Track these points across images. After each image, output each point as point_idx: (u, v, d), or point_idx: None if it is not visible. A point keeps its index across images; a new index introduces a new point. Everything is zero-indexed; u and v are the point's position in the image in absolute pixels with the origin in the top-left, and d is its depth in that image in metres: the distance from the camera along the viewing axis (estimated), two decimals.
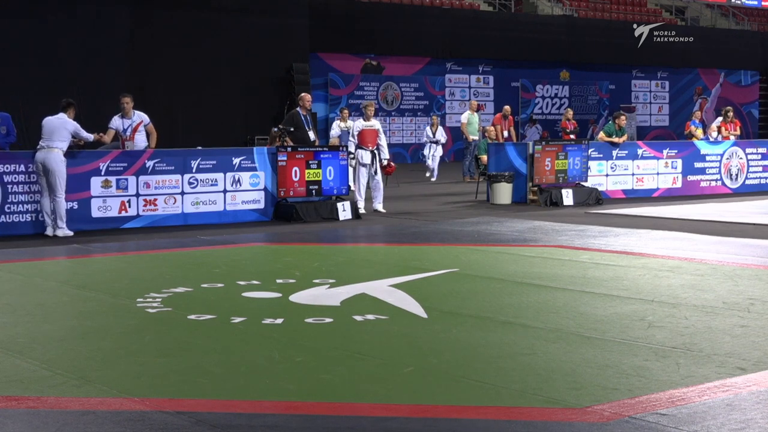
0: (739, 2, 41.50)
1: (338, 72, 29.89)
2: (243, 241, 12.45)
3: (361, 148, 15.64)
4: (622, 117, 19.10)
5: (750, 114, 39.26)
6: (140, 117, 13.93)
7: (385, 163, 15.88)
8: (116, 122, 13.86)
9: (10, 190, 12.58)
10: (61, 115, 12.80)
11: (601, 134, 19.09)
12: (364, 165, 15.63)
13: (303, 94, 16.11)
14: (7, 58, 22.98)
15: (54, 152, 12.52)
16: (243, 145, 23.73)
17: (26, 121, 23.30)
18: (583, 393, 5.35)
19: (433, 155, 23.91)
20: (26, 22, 23.33)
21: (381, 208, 15.66)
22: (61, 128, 12.67)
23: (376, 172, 15.64)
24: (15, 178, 12.65)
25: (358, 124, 15.84)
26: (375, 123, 15.95)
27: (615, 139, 18.56)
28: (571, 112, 24.89)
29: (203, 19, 26.12)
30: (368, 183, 15.80)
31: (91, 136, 13.09)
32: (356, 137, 15.68)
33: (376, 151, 15.68)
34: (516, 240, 12.18)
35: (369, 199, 15.92)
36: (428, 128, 24.72)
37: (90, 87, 24.12)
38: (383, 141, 16.05)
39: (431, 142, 24.14)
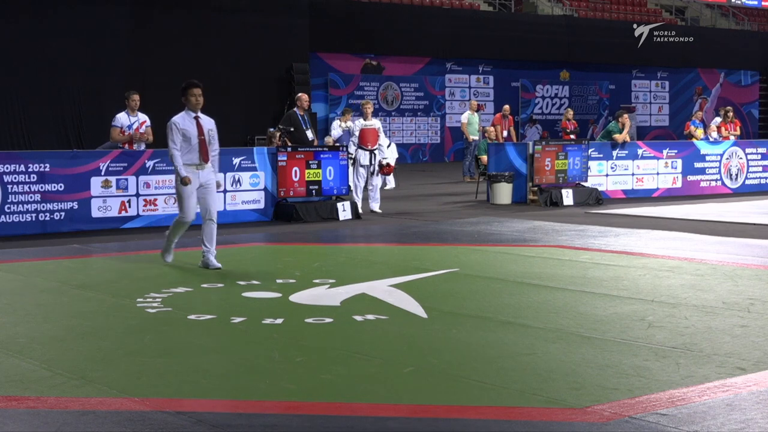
0: (739, 2, 41.45)
1: (338, 72, 29.87)
2: (243, 241, 12.45)
3: (361, 148, 15.62)
4: (626, 115, 19.08)
5: (750, 114, 39.24)
6: (143, 117, 13.94)
7: (384, 163, 15.86)
8: (122, 119, 13.81)
9: (10, 190, 12.57)
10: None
11: (617, 135, 18.76)
12: (363, 166, 15.61)
13: (300, 94, 16.10)
14: (6, 58, 22.97)
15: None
16: (243, 145, 23.72)
17: (26, 121, 23.34)
18: (583, 393, 5.34)
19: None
20: (26, 23, 23.32)
21: (377, 208, 15.64)
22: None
23: (374, 173, 15.63)
24: (15, 178, 12.64)
25: (358, 124, 15.79)
26: (375, 122, 15.92)
27: (616, 136, 18.54)
28: (571, 112, 24.86)
29: (203, 19, 26.11)
30: (366, 184, 15.79)
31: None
32: (357, 137, 15.65)
33: (376, 152, 15.66)
34: (516, 240, 12.18)
35: (366, 200, 15.91)
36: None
37: (90, 87, 24.11)
38: (383, 140, 16.03)
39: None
